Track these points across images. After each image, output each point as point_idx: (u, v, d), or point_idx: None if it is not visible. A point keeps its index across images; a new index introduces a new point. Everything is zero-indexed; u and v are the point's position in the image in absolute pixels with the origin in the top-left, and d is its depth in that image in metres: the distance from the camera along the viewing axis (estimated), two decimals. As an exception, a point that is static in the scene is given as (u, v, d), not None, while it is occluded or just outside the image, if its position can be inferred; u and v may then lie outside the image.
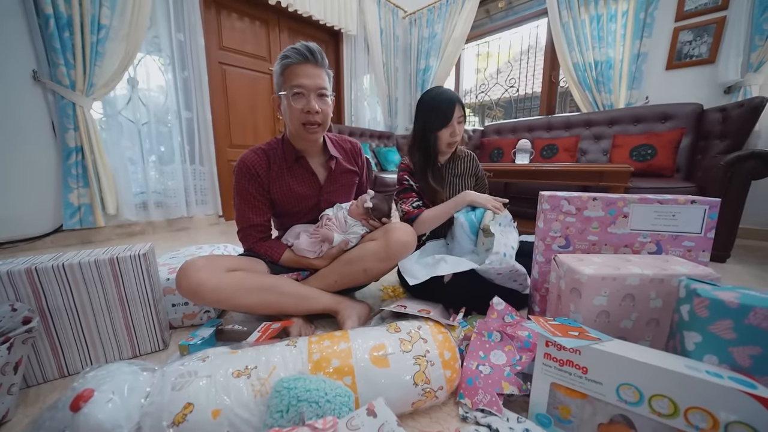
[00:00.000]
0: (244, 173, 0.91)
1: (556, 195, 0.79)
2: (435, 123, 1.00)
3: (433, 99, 1.00)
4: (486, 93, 3.55)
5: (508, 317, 0.74)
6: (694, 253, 0.75)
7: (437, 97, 1.00)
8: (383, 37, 3.44)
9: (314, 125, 0.86)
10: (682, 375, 0.43)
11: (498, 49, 3.38)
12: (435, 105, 1.00)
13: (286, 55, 0.82)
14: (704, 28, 2.01)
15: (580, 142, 2.28)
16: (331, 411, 0.47)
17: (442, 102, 0.99)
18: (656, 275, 0.60)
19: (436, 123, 0.99)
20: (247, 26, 2.67)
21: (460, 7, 3.12)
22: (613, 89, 2.32)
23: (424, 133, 1.03)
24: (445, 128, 1.00)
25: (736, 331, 0.46)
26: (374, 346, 0.60)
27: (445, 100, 0.99)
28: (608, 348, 0.49)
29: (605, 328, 0.61)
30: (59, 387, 0.70)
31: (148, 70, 2.08)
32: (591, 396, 0.50)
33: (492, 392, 0.60)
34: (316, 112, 0.84)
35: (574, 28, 2.41)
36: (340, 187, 1.04)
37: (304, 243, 0.94)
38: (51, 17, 1.58)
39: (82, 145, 1.77)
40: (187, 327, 0.94)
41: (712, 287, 0.51)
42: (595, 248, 0.79)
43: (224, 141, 2.60)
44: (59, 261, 0.69)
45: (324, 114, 0.87)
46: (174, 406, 0.48)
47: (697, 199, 0.73)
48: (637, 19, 2.16)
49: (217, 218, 2.56)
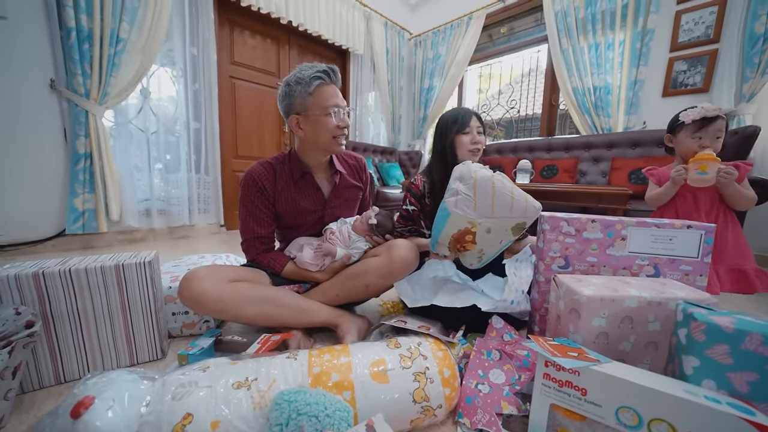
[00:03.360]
0: (250, 186, 0.93)
1: (555, 216, 0.81)
2: (453, 127, 1.02)
3: (453, 112, 1.06)
4: (487, 113, 3.64)
5: (507, 336, 0.75)
6: (692, 277, 0.76)
7: (455, 110, 1.06)
8: (389, 56, 3.57)
9: (343, 136, 0.94)
10: (681, 399, 0.43)
11: (500, 71, 3.49)
12: (453, 114, 1.04)
13: (318, 76, 0.87)
14: (698, 59, 2.09)
15: (580, 164, 2.33)
16: (330, 426, 0.47)
17: (459, 112, 1.04)
18: (654, 298, 0.60)
19: (454, 127, 1.02)
20: (259, 43, 2.78)
21: (464, 31, 3.26)
22: (611, 113, 2.39)
23: (443, 143, 1.04)
24: (465, 134, 1.02)
25: (733, 356, 0.47)
26: (374, 361, 0.60)
27: (463, 111, 1.04)
28: (607, 370, 0.49)
29: (604, 350, 0.61)
30: (55, 394, 0.69)
31: (160, 81, 2.15)
32: (590, 418, 0.50)
33: (491, 412, 0.59)
34: (346, 126, 0.93)
35: (574, 55, 2.51)
36: (344, 201, 1.06)
37: (307, 256, 0.95)
38: (73, 30, 1.65)
39: (92, 152, 1.81)
40: (186, 336, 0.94)
41: (709, 311, 0.52)
42: (594, 269, 0.80)
43: (230, 152, 2.65)
44: (66, 266, 0.70)
45: (348, 127, 0.95)
46: (173, 416, 0.48)
47: (693, 224, 0.75)
48: (634, 49, 2.25)
49: (218, 227, 2.57)
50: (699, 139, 1.08)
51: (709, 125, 1.06)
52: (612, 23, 2.33)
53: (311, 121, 0.90)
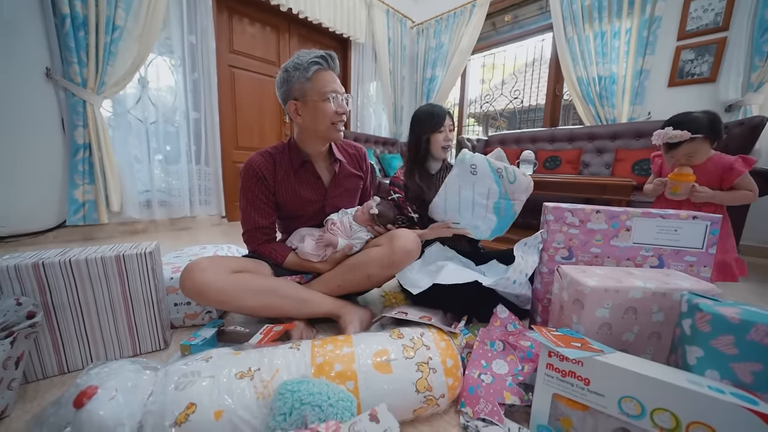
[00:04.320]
0: (250, 176, 0.92)
1: (560, 206, 0.80)
2: (429, 126, 1.12)
3: (427, 110, 1.15)
4: (490, 103, 3.59)
5: (510, 326, 0.75)
6: (696, 268, 0.75)
7: (430, 108, 1.15)
8: (391, 45, 3.50)
9: (341, 123, 0.94)
10: (684, 389, 0.43)
11: (503, 61, 3.43)
12: (429, 113, 1.13)
13: (316, 61, 0.86)
14: (705, 48, 2.04)
15: (583, 155, 2.30)
16: (333, 415, 0.47)
17: (434, 111, 1.13)
18: (658, 289, 0.60)
19: (430, 126, 1.12)
20: (258, 31, 2.72)
21: (467, 19, 3.18)
22: (615, 104, 2.35)
23: (418, 138, 1.14)
24: (439, 133, 1.12)
25: (738, 347, 0.46)
26: (377, 351, 0.60)
27: (438, 109, 1.13)
28: (611, 360, 0.49)
29: (607, 341, 0.61)
30: (58, 384, 0.70)
31: (158, 70, 2.11)
32: (593, 408, 0.50)
33: (493, 402, 0.59)
34: (344, 112, 0.92)
35: (579, 44, 2.45)
36: (344, 191, 1.05)
37: (309, 247, 0.94)
38: (67, 17, 1.62)
39: (90, 143, 1.79)
40: (189, 327, 0.94)
41: (714, 302, 0.51)
42: (598, 260, 0.80)
43: (230, 142, 2.62)
44: (66, 257, 0.70)
45: (347, 114, 0.95)
46: (176, 406, 0.48)
47: (699, 214, 0.74)
48: (640, 37, 2.20)
49: (219, 219, 2.57)
50: (672, 158, 1.12)
51: (676, 149, 1.09)
52: (619, 10, 2.27)
53: (310, 108, 0.89)
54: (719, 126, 1.07)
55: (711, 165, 1.10)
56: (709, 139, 1.07)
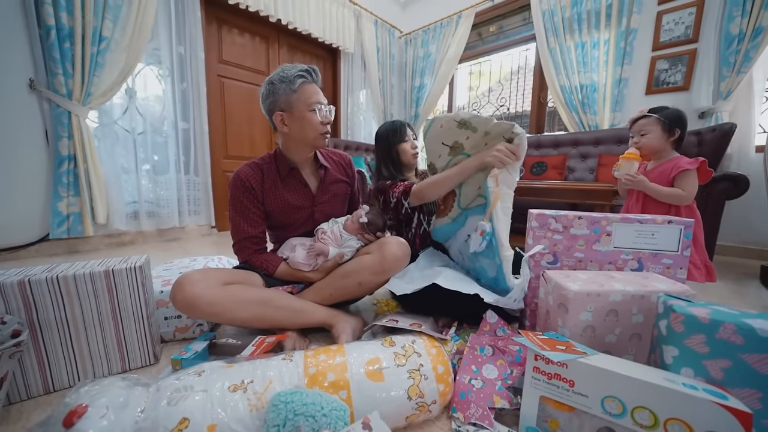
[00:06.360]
0: (238, 186, 0.94)
1: (544, 213, 0.83)
2: (395, 138, 1.19)
3: (388, 126, 1.23)
4: (478, 110, 3.67)
5: (500, 331, 0.77)
6: (672, 270, 0.79)
7: (390, 124, 1.23)
8: (380, 55, 3.56)
9: (327, 133, 0.98)
10: (661, 387, 0.45)
11: (490, 69, 3.52)
12: (391, 128, 1.21)
13: (301, 75, 0.91)
14: (678, 58, 2.15)
15: (568, 161, 2.37)
16: (327, 425, 0.48)
17: (395, 125, 1.21)
18: (637, 291, 0.63)
19: (396, 138, 1.19)
20: (248, 41, 2.74)
21: (454, 29, 3.28)
22: (597, 111, 2.45)
23: (389, 152, 1.20)
24: (405, 142, 1.20)
25: (709, 345, 0.49)
26: (369, 360, 0.61)
27: (398, 123, 1.21)
28: (593, 362, 0.51)
29: (591, 343, 0.63)
30: (43, 404, 0.68)
31: (146, 80, 2.10)
32: (578, 409, 0.52)
33: (484, 406, 0.61)
34: (329, 122, 0.97)
35: (561, 53, 2.55)
36: (332, 196, 1.08)
37: (300, 256, 0.95)
38: (52, 28, 1.60)
39: (75, 154, 1.76)
40: (179, 341, 0.93)
41: (687, 303, 0.54)
42: (582, 265, 0.83)
43: (220, 152, 2.61)
44: (53, 273, 0.68)
45: (330, 124, 0.99)
46: (169, 422, 0.48)
47: (674, 219, 0.78)
48: (618, 48, 2.31)
49: (209, 229, 2.54)
50: (631, 138, 1.23)
51: (634, 124, 1.21)
52: (597, 23, 2.38)
53: (297, 118, 0.93)
54: (677, 117, 1.14)
55: (669, 165, 1.15)
56: (662, 124, 1.14)
